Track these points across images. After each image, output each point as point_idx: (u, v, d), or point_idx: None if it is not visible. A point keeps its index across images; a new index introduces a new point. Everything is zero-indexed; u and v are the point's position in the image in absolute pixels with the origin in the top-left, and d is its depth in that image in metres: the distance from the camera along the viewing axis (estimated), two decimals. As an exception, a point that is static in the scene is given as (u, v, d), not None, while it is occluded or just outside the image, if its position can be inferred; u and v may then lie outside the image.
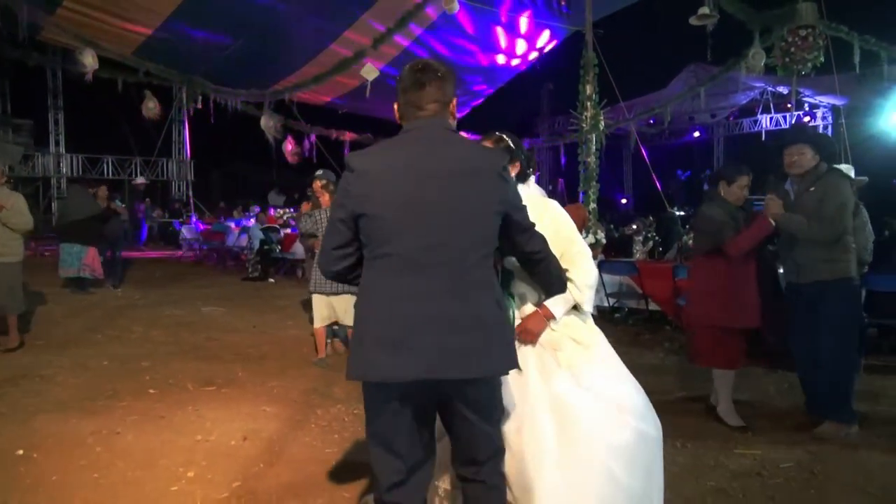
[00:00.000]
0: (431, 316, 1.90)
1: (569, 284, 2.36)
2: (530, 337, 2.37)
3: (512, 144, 2.52)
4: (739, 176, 4.05)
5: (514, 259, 2.28)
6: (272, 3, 9.93)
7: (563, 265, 2.34)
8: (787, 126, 18.44)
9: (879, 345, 6.04)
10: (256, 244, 11.23)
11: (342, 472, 3.41)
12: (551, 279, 2.30)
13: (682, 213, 14.69)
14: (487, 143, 2.49)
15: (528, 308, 2.41)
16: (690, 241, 6.51)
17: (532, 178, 2.61)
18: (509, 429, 2.26)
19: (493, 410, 2.10)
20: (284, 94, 11.38)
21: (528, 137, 18.41)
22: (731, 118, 20.60)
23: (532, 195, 2.47)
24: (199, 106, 12.40)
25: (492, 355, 1.96)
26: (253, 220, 12.32)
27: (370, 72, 9.77)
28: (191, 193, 17.75)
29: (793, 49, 9.84)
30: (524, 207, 2.11)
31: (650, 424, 2.36)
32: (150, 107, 12.19)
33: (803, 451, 3.63)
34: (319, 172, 5.82)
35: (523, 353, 2.33)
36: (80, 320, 7.31)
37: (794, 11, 9.69)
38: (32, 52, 11.49)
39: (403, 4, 9.33)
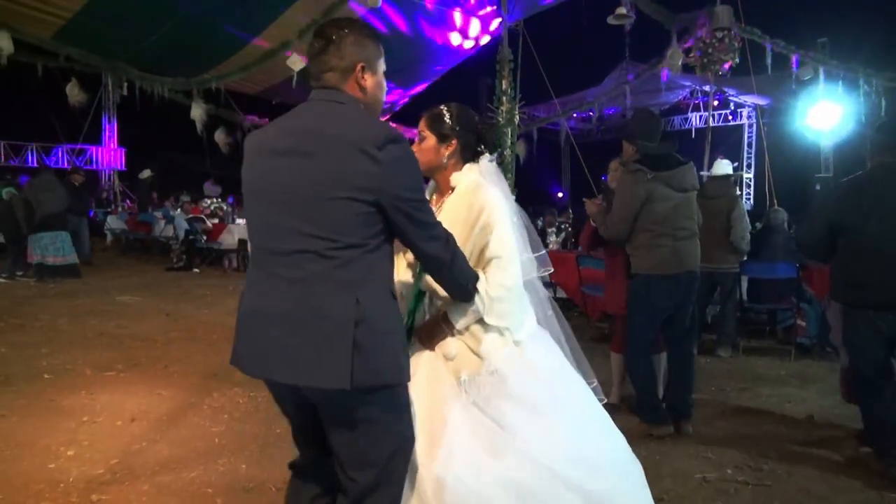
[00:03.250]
0: (267, 312, 1.69)
1: (475, 295, 1.98)
2: (426, 343, 2.06)
3: (448, 119, 2.14)
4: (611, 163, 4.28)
5: None
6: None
7: (479, 267, 2.01)
8: (716, 124, 19.13)
9: (762, 329, 6.46)
10: (182, 234, 11.12)
11: (223, 448, 3.52)
12: (452, 288, 1.95)
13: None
14: (422, 120, 2.18)
15: (433, 309, 2.10)
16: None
17: (485, 158, 2.21)
18: (420, 453, 1.88)
19: (358, 433, 1.72)
20: (212, 83, 11.27)
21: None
22: (662, 115, 21.25)
23: (472, 179, 2.10)
24: (125, 93, 12.17)
25: (330, 362, 1.62)
26: (178, 210, 12.18)
27: (296, 62, 9.79)
28: (119, 182, 17.36)
29: (710, 50, 10.29)
30: (416, 198, 1.72)
31: (580, 471, 1.93)
32: (75, 93, 11.90)
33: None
34: None
35: (420, 357, 2.04)
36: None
37: (711, 14, 10.12)
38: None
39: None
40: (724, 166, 5.93)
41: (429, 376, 2.00)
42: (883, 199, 3.16)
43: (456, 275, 1.89)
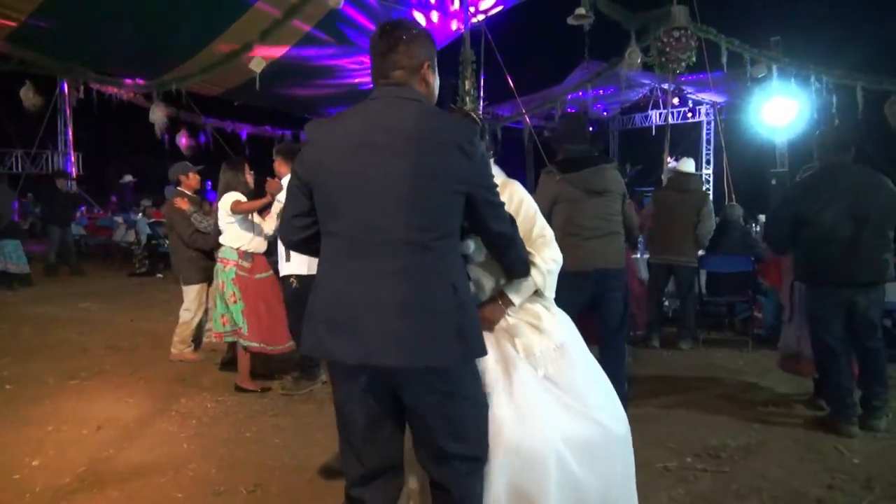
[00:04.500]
0: (373, 299, 1.76)
1: (531, 269, 2.20)
2: (487, 326, 2.17)
3: (479, 121, 2.28)
4: None
5: (470, 242, 2.11)
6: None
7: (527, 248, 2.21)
8: (676, 122, 19.52)
9: (722, 321, 6.65)
10: (144, 238, 10.96)
11: (192, 453, 3.52)
12: (517, 264, 2.13)
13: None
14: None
15: (483, 295, 2.23)
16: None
17: (491, 157, 2.34)
18: (513, 428, 2.03)
19: (456, 406, 1.86)
20: (171, 85, 11.11)
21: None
22: (623, 113, 21.57)
23: (498, 174, 2.27)
24: (81, 96, 11.93)
25: (439, 344, 1.77)
26: (140, 215, 12.00)
27: (259, 64, 9.72)
28: (76, 187, 17.00)
29: (668, 49, 10.51)
30: (494, 185, 1.93)
31: (616, 422, 2.19)
32: (30, 97, 11.62)
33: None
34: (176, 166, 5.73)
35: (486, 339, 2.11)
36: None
37: (668, 14, 10.34)
38: None
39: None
40: (690, 164, 6.11)
41: (499, 356, 2.14)
42: (836, 192, 3.71)
43: (520, 251, 2.10)
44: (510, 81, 14.78)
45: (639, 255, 6.49)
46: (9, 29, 10.04)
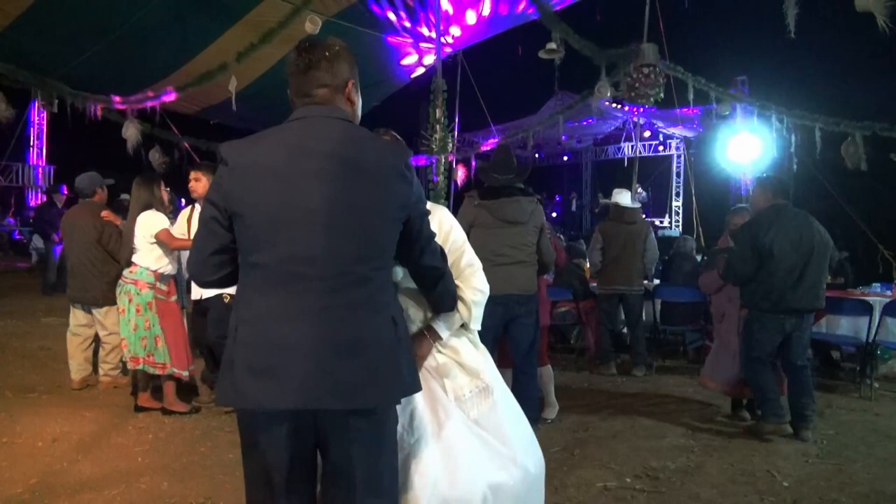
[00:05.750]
0: (304, 339, 1.62)
1: (458, 302, 2.15)
2: (416, 362, 2.07)
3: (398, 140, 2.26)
4: None
5: (398, 269, 2.00)
6: (133, 12, 9.81)
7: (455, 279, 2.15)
8: (647, 154, 19.99)
9: (676, 350, 6.85)
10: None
11: (145, 467, 3.57)
12: (444, 297, 2.04)
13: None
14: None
15: (412, 326, 2.13)
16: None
17: None
18: (439, 476, 2.00)
19: (381, 455, 1.76)
20: (146, 102, 11.18)
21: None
22: (596, 145, 22.02)
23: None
24: (55, 110, 11.92)
25: (377, 382, 1.67)
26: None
27: (234, 84, 9.85)
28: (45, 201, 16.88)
29: (637, 84, 10.85)
30: (427, 213, 1.86)
31: (535, 463, 2.21)
32: (2, 108, 11.59)
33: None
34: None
35: None
36: None
37: (638, 51, 10.69)
38: None
39: (267, 21, 9.51)
40: (628, 196, 6.33)
41: (427, 397, 2.06)
42: (778, 231, 4.14)
43: (448, 284, 2.03)
44: (485, 109, 15.09)
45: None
46: (-17, 42, 10.07)
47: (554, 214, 21.78)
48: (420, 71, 12.91)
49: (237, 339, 1.67)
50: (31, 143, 16.22)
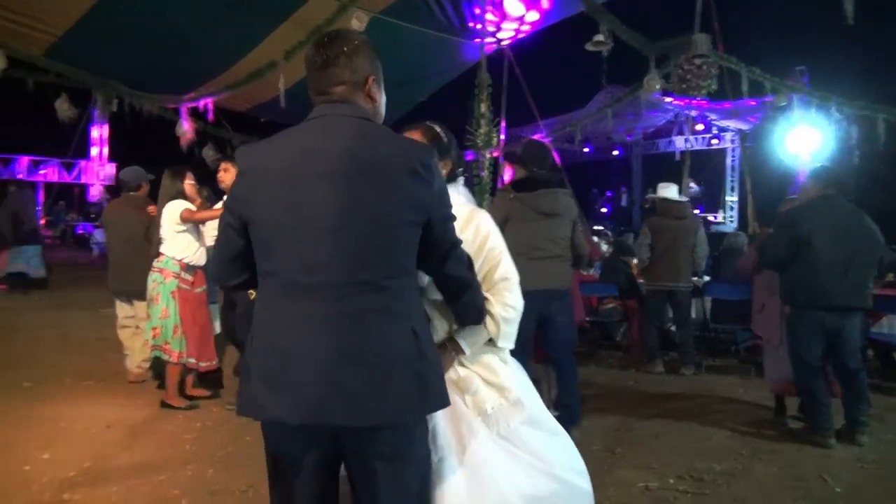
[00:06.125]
0: (315, 349, 1.53)
1: (487, 317, 1.97)
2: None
3: (444, 136, 2.10)
4: None
5: (424, 275, 1.82)
6: (185, 14, 10.07)
7: (486, 291, 1.98)
8: (700, 147, 19.51)
9: (728, 349, 6.67)
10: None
11: (192, 454, 3.67)
12: (469, 310, 1.88)
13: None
14: (414, 135, 2.05)
15: (436, 338, 1.95)
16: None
17: (461, 180, 2.19)
18: (463, 496, 1.85)
19: (406, 473, 1.65)
20: (199, 101, 11.49)
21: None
22: (647, 138, 21.61)
23: (458, 202, 2.00)
24: (114, 109, 12.36)
25: (396, 398, 1.55)
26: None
27: (283, 81, 10.03)
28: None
29: (688, 76, 10.60)
30: (452, 217, 1.69)
31: (580, 477, 2.05)
32: (65, 108, 12.08)
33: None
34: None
35: None
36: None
37: (690, 42, 10.44)
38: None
39: (314, 19, 9.62)
40: (675, 190, 6.19)
41: (450, 414, 1.90)
42: (823, 222, 3.97)
43: (476, 296, 1.85)
44: (532, 104, 14.95)
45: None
46: (47, 44, 10.50)
47: (603, 210, 21.48)
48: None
49: (252, 348, 1.63)
50: (94, 141, 16.86)
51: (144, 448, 3.77)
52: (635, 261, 6.76)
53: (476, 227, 2.01)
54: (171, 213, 4.48)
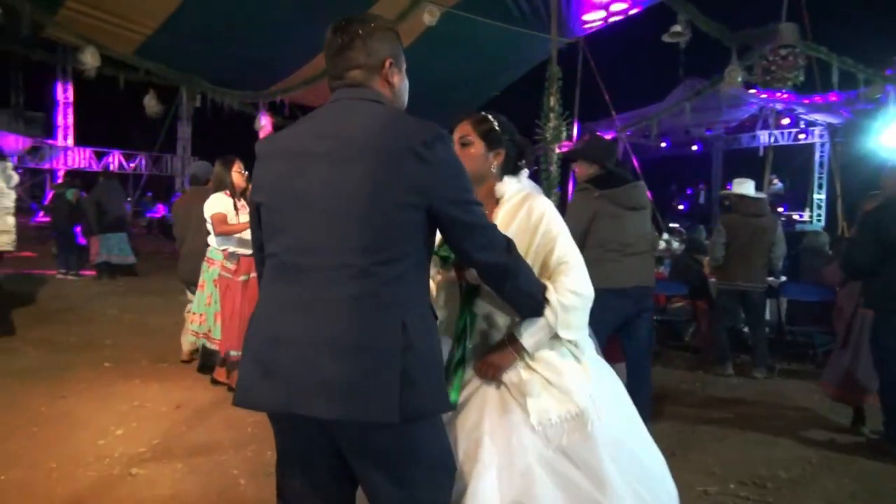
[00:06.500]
0: (301, 334, 1.48)
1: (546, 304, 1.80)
2: (492, 373, 1.82)
3: (497, 127, 1.98)
4: None
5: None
6: (265, 12, 10.39)
7: (545, 278, 1.83)
8: (786, 142, 18.63)
9: (805, 353, 6.35)
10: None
11: (253, 436, 3.79)
12: (519, 300, 1.75)
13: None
14: (464, 124, 1.99)
15: (496, 334, 1.88)
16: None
17: (525, 173, 2.07)
18: (456, 491, 1.70)
19: (407, 470, 1.54)
20: (277, 96, 11.86)
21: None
22: (728, 133, 20.80)
23: (518, 192, 1.96)
24: (198, 105, 12.91)
25: (370, 393, 1.44)
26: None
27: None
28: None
29: (773, 68, 10.12)
30: (467, 200, 1.56)
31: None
32: (152, 104, 12.71)
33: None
34: None
35: (483, 393, 1.83)
36: (57, 302, 7.79)
37: (776, 31, 9.97)
38: (38, 49, 12.09)
39: (387, 14, 9.71)
40: (751, 186, 5.92)
41: (499, 420, 1.77)
42: None
43: (522, 284, 1.70)
44: (607, 98, 14.62)
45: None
46: (138, 43, 11.05)
47: (680, 207, 20.85)
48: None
49: (249, 332, 1.60)
50: (179, 136, 17.68)
51: (209, 429, 3.93)
52: (707, 259, 6.52)
53: (528, 211, 1.89)
54: (208, 206, 4.59)
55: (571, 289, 1.81)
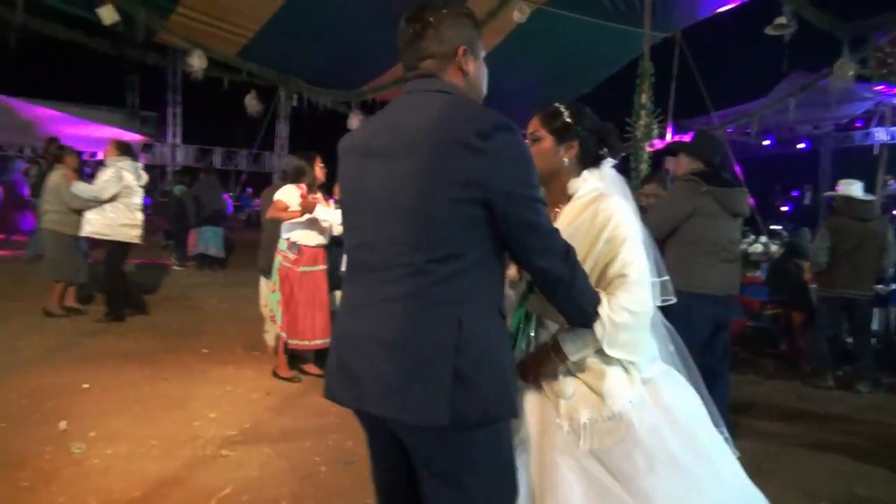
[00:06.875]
0: (365, 332, 1.49)
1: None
2: (533, 378, 1.76)
3: (569, 118, 1.85)
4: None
5: None
6: (359, 12, 10.64)
7: (600, 287, 1.72)
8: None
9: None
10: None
11: (336, 426, 3.91)
12: (568, 308, 1.63)
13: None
14: (535, 118, 1.89)
15: (546, 336, 1.79)
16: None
17: (607, 164, 1.92)
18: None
19: (461, 479, 1.49)
20: (368, 95, 12.15)
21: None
22: (838, 130, 19.57)
23: (595, 186, 1.84)
24: (295, 104, 13.42)
25: (420, 393, 1.41)
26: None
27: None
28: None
29: (890, 60, 9.47)
30: (531, 198, 1.47)
31: None
32: (253, 104, 13.33)
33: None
34: None
35: (527, 398, 1.78)
36: (164, 290, 8.31)
37: (894, 21, 9.31)
38: (151, 53, 12.93)
39: (477, 13, 9.71)
40: (859, 187, 5.53)
41: (537, 421, 1.73)
42: None
43: (575, 295, 1.59)
44: (704, 93, 14.07)
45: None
46: (240, 45, 11.60)
47: (784, 208, 19.81)
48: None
49: (333, 326, 1.66)
50: (277, 134, 18.43)
51: (295, 416, 4.10)
52: (808, 263, 6.17)
53: (594, 213, 1.75)
54: (277, 194, 4.76)
55: (626, 306, 1.68)
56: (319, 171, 4.87)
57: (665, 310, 1.99)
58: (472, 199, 1.42)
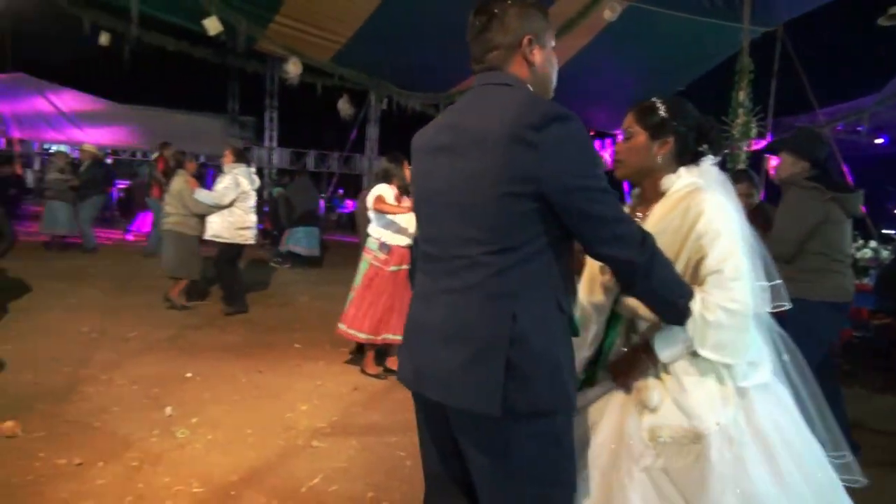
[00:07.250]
0: (423, 321, 1.60)
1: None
2: (622, 380, 1.72)
3: (663, 112, 1.80)
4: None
5: None
6: (446, 16, 10.76)
7: (695, 284, 1.64)
8: None
9: None
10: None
11: (420, 423, 4.01)
12: (654, 302, 1.59)
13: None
14: (629, 115, 1.85)
15: (636, 338, 1.75)
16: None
17: (707, 160, 1.83)
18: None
19: (505, 466, 1.50)
20: (456, 97, 12.26)
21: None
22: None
23: (683, 186, 1.76)
24: (385, 107, 13.74)
25: (472, 382, 1.45)
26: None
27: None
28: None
29: None
30: (589, 188, 1.43)
31: None
32: (345, 108, 13.74)
33: None
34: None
35: (609, 394, 1.76)
36: (261, 287, 8.68)
37: None
38: (252, 61, 13.58)
39: (566, 13, 9.63)
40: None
41: (616, 427, 1.68)
42: None
43: (656, 285, 1.53)
44: (809, 89, 13.37)
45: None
46: (333, 51, 11.99)
47: (896, 212, 18.44)
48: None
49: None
50: (368, 137, 18.87)
51: (382, 411, 4.21)
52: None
53: (685, 209, 1.68)
54: (372, 193, 4.86)
55: (721, 304, 1.59)
56: (408, 172, 4.97)
57: (780, 318, 1.85)
58: (528, 193, 1.43)
